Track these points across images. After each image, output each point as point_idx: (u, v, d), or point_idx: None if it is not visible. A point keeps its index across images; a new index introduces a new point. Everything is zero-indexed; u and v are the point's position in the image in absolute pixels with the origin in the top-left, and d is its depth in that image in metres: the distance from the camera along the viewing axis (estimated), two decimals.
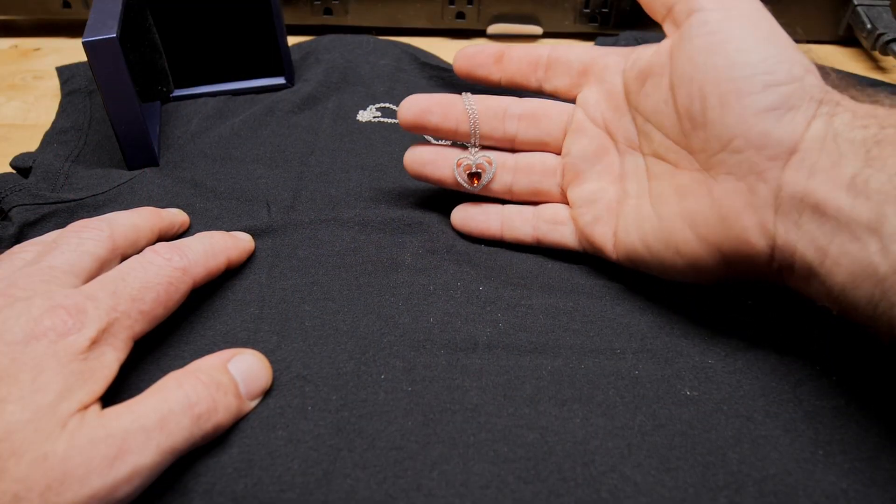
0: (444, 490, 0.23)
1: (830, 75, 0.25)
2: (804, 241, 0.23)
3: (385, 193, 0.36)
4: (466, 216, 0.33)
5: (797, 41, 0.26)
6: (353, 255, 0.32)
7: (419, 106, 0.31)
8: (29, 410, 0.20)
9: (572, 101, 0.32)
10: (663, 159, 0.28)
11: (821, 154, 0.23)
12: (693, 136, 0.26)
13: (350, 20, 0.53)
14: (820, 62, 0.25)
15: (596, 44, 0.50)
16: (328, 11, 0.53)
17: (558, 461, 0.24)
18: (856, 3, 0.50)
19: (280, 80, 0.44)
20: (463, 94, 0.32)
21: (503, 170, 0.32)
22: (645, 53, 0.28)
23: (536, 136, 0.32)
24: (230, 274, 0.31)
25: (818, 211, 0.22)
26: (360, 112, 0.35)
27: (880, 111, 0.23)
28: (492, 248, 0.33)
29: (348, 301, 0.30)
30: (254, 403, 0.25)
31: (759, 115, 0.24)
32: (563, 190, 0.32)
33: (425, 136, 0.36)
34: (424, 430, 0.25)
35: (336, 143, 0.40)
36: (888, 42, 0.47)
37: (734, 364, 0.27)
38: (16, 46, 0.53)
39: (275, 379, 0.26)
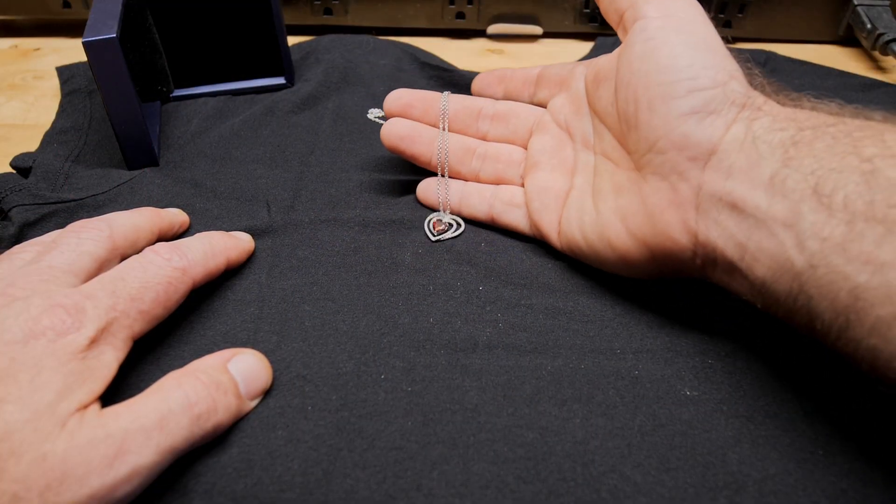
0: (444, 490, 0.23)
1: (757, 79, 0.27)
2: (724, 237, 0.24)
3: (385, 193, 0.36)
4: (428, 188, 0.35)
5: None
6: (353, 255, 0.32)
7: (403, 100, 0.35)
8: (28, 410, 0.20)
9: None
10: (608, 158, 0.30)
11: (739, 155, 0.24)
12: (628, 137, 0.28)
13: (350, 20, 0.53)
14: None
15: (596, 44, 0.50)
16: (328, 11, 0.53)
17: (558, 461, 0.24)
18: (856, 3, 0.50)
19: (280, 80, 0.44)
20: (445, 92, 0.35)
21: (474, 156, 0.35)
22: (603, 59, 0.31)
23: (504, 134, 0.35)
24: (230, 274, 0.31)
25: (736, 209, 0.23)
26: (371, 110, 0.36)
27: (800, 114, 0.24)
28: (492, 248, 0.33)
29: (348, 301, 0.30)
30: (254, 403, 0.25)
31: (680, 119, 0.25)
32: (522, 180, 0.34)
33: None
34: (424, 430, 0.25)
35: (336, 143, 0.40)
36: (888, 42, 0.47)
37: (734, 364, 0.27)
38: (16, 46, 0.53)
39: (275, 379, 0.26)
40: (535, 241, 0.33)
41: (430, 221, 0.34)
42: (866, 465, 0.23)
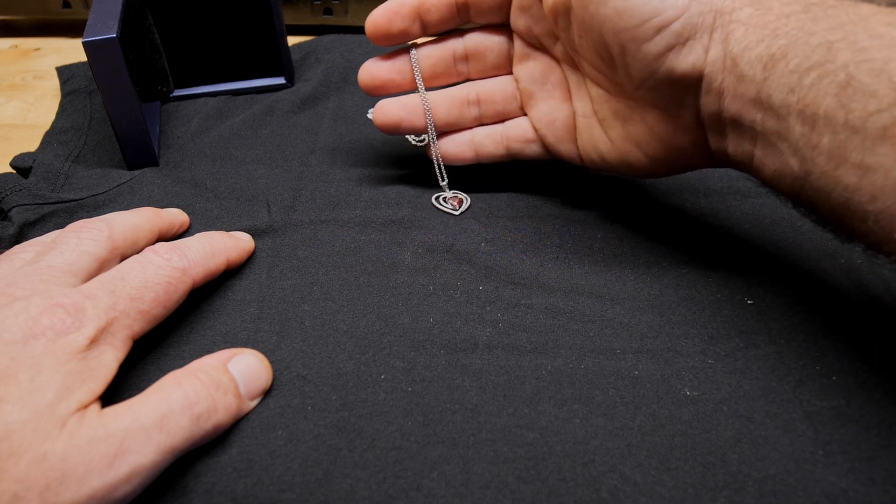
0: (444, 490, 0.23)
1: None
2: (733, 146, 0.26)
3: (385, 193, 0.36)
4: (446, 150, 0.35)
5: None
6: (353, 255, 0.32)
7: (371, 72, 0.35)
8: (28, 410, 0.20)
9: (504, 28, 0.33)
10: (598, 84, 0.30)
11: (725, 75, 0.25)
12: (611, 73, 0.28)
13: (350, 20, 0.53)
14: None
15: None
16: (328, 11, 0.53)
17: (558, 461, 0.24)
18: None
19: (280, 80, 0.44)
20: (410, 43, 0.34)
21: (471, 105, 0.34)
22: None
23: (484, 69, 0.34)
24: (230, 274, 0.31)
25: (736, 125, 0.25)
26: (371, 110, 0.36)
27: (770, 18, 0.24)
28: (492, 248, 0.33)
29: (348, 301, 0.30)
30: (254, 403, 0.25)
31: (659, 58, 0.26)
32: (523, 111, 0.34)
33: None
34: (424, 430, 0.25)
35: (336, 143, 0.40)
36: None
37: (734, 364, 0.27)
38: (16, 46, 0.53)
39: (275, 379, 0.26)
40: (536, 241, 0.33)
41: (437, 199, 0.35)
42: (866, 465, 0.23)
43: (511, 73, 0.34)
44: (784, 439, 0.24)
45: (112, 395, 0.23)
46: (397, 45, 0.34)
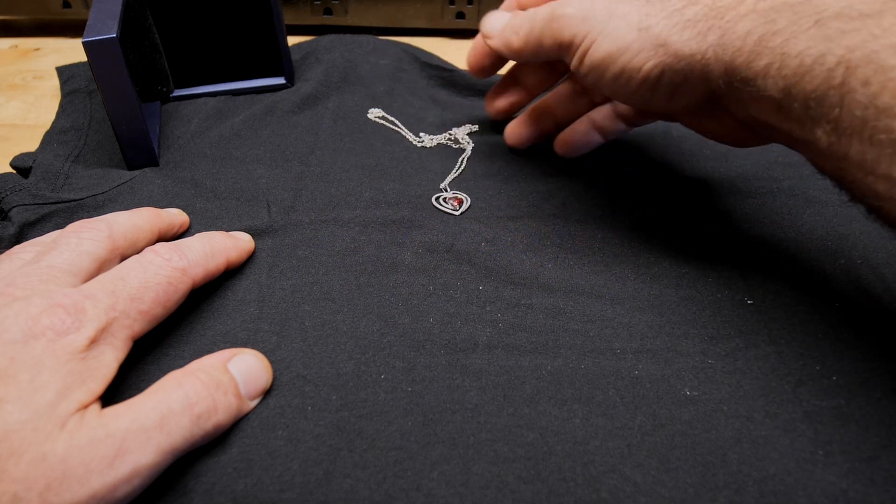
0: (444, 490, 0.23)
1: None
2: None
3: (385, 193, 0.36)
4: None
5: None
6: (353, 255, 0.32)
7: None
8: (28, 410, 0.20)
9: None
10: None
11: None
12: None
13: (350, 20, 0.53)
14: None
15: None
16: (328, 11, 0.53)
17: (558, 461, 0.24)
18: None
19: (280, 80, 0.44)
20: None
21: (577, 96, 0.38)
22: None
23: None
24: (230, 274, 0.31)
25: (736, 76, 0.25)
26: (371, 110, 0.36)
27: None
28: (492, 248, 0.33)
29: (348, 301, 0.30)
30: (254, 403, 0.25)
31: (651, 90, 0.28)
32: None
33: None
34: (424, 431, 0.25)
35: (336, 143, 0.40)
36: None
37: (734, 364, 0.27)
38: (16, 46, 0.53)
39: (275, 379, 0.26)
40: (536, 241, 0.33)
41: (437, 199, 0.35)
42: (866, 465, 0.23)
43: None
44: (784, 439, 0.24)
45: (112, 395, 0.23)
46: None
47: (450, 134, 0.41)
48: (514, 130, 0.40)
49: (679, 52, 0.26)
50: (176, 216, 0.33)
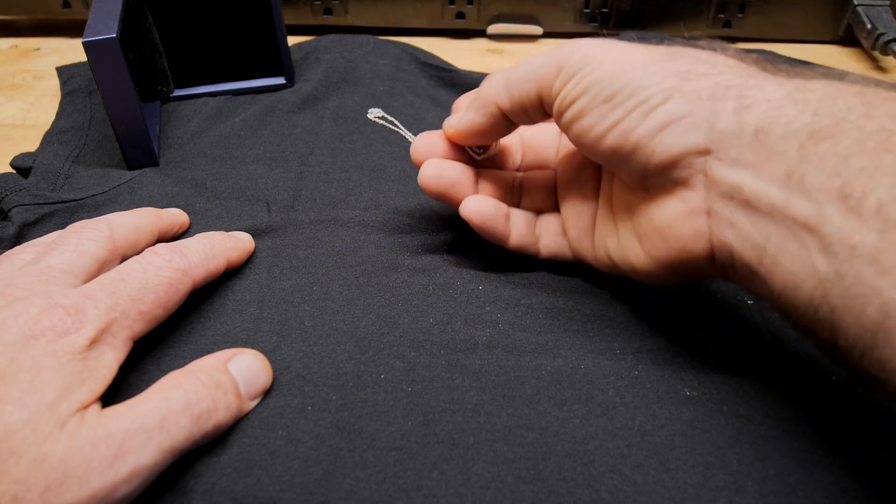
0: (444, 490, 0.23)
1: (729, 52, 0.25)
2: (740, 239, 0.22)
3: (385, 193, 0.36)
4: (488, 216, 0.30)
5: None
6: (353, 255, 0.32)
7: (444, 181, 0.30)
8: (28, 410, 0.20)
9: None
10: (619, 178, 0.28)
11: (743, 149, 0.22)
12: (621, 174, 0.26)
13: (350, 20, 0.53)
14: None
15: None
16: (328, 11, 0.53)
17: (558, 461, 0.24)
18: (856, 3, 0.50)
19: (280, 80, 0.44)
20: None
21: (514, 189, 0.32)
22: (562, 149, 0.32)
23: (535, 159, 0.33)
24: (230, 274, 0.31)
25: (750, 207, 0.22)
26: (371, 110, 0.36)
27: (810, 95, 0.22)
28: (491, 248, 0.33)
29: (348, 301, 0.30)
30: (254, 403, 0.25)
31: (654, 141, 0.23)
32: (556, 209, 0.32)
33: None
34: (424, 431, 0.25)
35: (336, 143, 0.40)
36: (888, 42, 0.47)
37: (734, 364, 0.27)
38: (16, 46, 0.53)
39: (275, 379, 0.26)
40: None
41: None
42: (866, 465, 0.23)
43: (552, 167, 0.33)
44: (784, 439, 0.24)
45: (112, 395, 0.23)
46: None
47: None
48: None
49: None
50: (176, 216, 0.33)
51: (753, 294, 0.24)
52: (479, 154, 0.32)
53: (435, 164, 0.30)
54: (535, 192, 0.32)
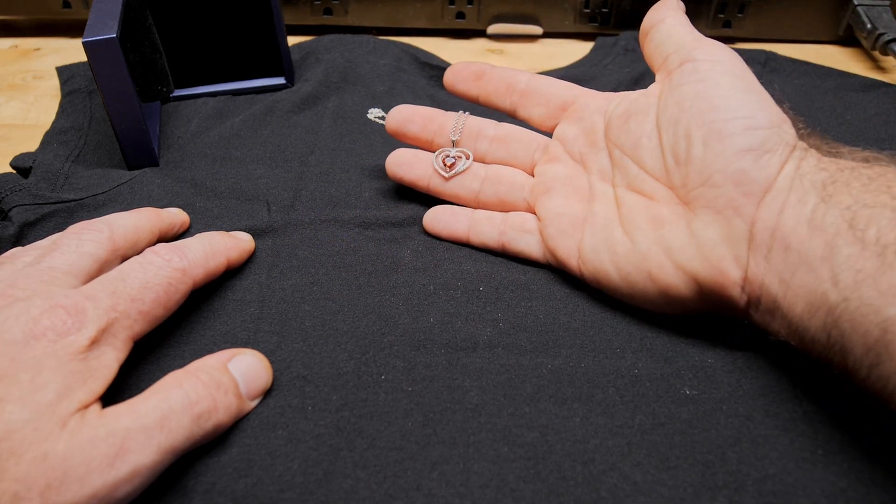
0: (444, 490, 0.23)
1: (800, 127, 0.27)
2: (770, 274, 0.24)
3: (385, 193, 0.36)
4: (435, 217, 0.34)
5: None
6: (353, 255, 0.32)
7: (403, 115, 0.35)
8: (28, 410, 0.20)
9: (546, 132, 0.34)
10: (637, 191, 0.29)
11: (790, 193, 0.24)
12: (675, 172, 0.27)
13: (350, 20, 0.53)
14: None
15: (596, 44, 0.50)
16: (328, 11, 0.53)
17: (558, 460, 0.24)
18: (856, 3, 0.50)
19: (280, 80, 0.44)
20: (460, 112, 0.35)
21: (472, 177, 0.34)
22: (632, 95, 0.31)
23: (504, 157, 0.34)
24: (230, 274, 0.31)
25: (784, 244, 0.24)
26: (371, 110, 0.36)
27: (840, 160, 0.25)
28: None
29: (348, 301, 0.30)
30: (254, 403, 0.25)
31: (738, 155, 0.25)
32: (529, 204, 0.33)
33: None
34: (424, 430, 0.25)
35: (336, 143, 0.40)
36: (888, 42, 0.47)
37: (734, 363, 0.27)
38: (16, 46, 0.53)
39: (275, 379, 0.26)
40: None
41: (438, 157, 0.34)
42: (866, 465, 0.23)
43: (523, 170, 0.34)
44: (784, 439, 0.24)
45: (112, 395, 0.23)
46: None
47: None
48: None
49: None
50: (176, 216, 0.33)
51: (769, 334, 0.26)
52: (447, 172, 0.34)
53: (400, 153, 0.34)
54: (499, 184, 0.33)
